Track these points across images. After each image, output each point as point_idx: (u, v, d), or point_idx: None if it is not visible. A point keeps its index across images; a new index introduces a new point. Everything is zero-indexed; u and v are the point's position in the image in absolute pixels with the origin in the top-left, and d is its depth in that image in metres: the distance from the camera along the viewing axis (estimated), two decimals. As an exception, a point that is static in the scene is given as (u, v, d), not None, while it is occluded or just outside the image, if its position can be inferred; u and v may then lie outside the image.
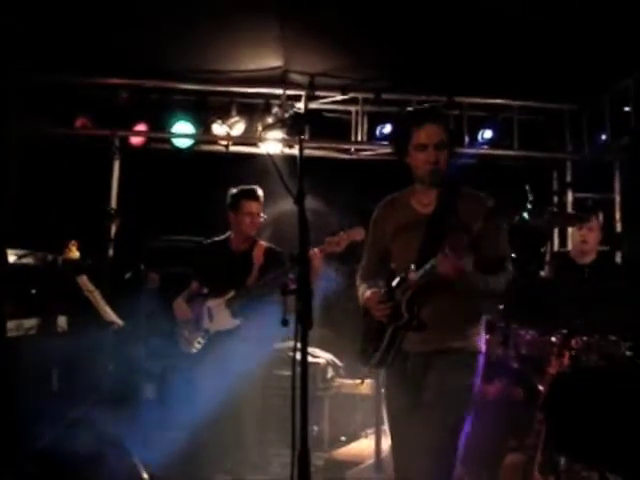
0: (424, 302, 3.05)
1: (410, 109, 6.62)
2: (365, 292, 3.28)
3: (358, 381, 5.91)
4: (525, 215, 2.66)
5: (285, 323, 2.42)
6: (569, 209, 7.03)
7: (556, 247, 6.94)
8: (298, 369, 2.40)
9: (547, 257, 5.12)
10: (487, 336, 4.90)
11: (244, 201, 4.66)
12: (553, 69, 6.02)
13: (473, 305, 3.14)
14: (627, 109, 6.30)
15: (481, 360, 3.15)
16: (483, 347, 3.19)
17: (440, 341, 3.07)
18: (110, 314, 4.98)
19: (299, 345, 2.32)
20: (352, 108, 6.94)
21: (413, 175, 3.20)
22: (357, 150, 7.11)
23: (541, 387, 4.05)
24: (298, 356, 2.40)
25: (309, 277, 2.33)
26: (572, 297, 1.88)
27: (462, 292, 2.98)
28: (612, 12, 5.06)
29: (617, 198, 7.11)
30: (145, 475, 4.43)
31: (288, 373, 2.49)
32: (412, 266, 3.03)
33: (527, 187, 2.71)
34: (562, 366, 4.04)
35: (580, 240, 4.83)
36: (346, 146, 7.08)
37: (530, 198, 2.69)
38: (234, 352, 4.45)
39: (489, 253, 3.02)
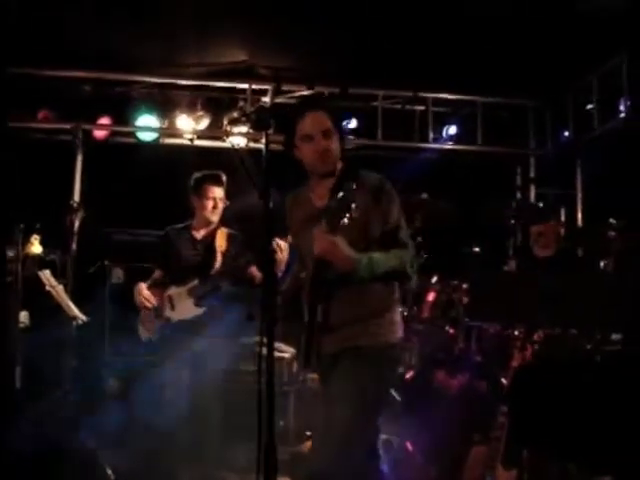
0: (324, 300, 2.88)
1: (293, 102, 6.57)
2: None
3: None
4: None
5: (250, 318, 2.41)
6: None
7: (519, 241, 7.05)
8: (264, 364, 2.37)
9: (510, 252, 5.18)
10: (451, 330, 4.99)
11: (207, 185, 4.60)
12: (517, 66, 6.07)
13: (375, 291, 2.93)
14: (590, 106, 6.40)
15: (396, 351, 3.04)
16: (398, 335, 3.01)
17: (347, 339, 2.91)
18: (73, 309, 4.92)
19: (264, 340, 2.30)
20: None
21: (306, 168, 3.09)
22: (323, 145, 7.10)
23: (504, 380, 4.10)
24: (264, 351, 2.40)
25: (275, 272, 2.33)
26: (533, 291, 1.90)
27: (355, 278, 2.80)
28: (575, 11, 5.13)
29: (579, 194, 7.23)
30: (110, 472, 4.40)
31: (254, 368, 2.48)
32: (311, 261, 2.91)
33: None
34: (525, 360, 4.10)
35: (538, 233, 4.96)
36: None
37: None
38: (199, 346, 4.42)
39: (377, 228, 2.89)
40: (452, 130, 6.81)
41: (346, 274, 2.80)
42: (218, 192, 4.62)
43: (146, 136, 6.76)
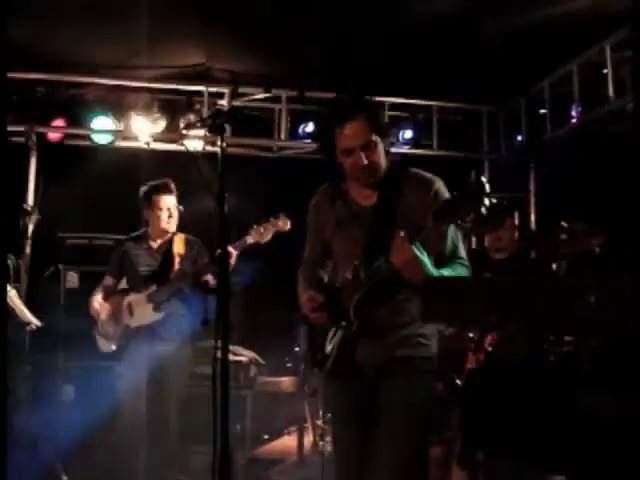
0: (376, 305, 2.80)
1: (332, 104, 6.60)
2: (302, 295, 2.99)
3: (283, 379, 5.93)
4: (483, 210, 2.34)
5: (205, 322, 2.41)
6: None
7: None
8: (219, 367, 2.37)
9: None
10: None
11: (158, 196, 4.59)
12: (472, 71, 6.16)
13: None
14: (542, 111, 6.51)
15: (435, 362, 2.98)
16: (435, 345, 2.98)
17: (395, 351, 2.84)
18: (27, 314, 4.86)
19: (219, 344, 2.30)
20: (275, 106, 6.94)
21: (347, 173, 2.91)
22: (280, 148, 7.11)
23: (459, 382, 4.16)
24: (219, 354, 2.40)
25: (228, 276, 2.33)
26: (484, 294, 1.94)
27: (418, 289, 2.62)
28: (528, 17, 5.23)
29: (532, 198, 7.36)
30: (65, 477, 4.36)
31: (210, 372, 2.48)
32: (356, 262, 2.78)
33: (483, 179, 2.40)
34: (479, 361, 4.16)
35: (494, 238, 5.07)
36: (269, 144, 7.08)
37: (486, 192, 2.37)
38: (156, 350, 4.40)
39: (436, 248, 2.74)
40: (408, 134, 6.86)
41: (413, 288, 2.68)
42: (170, 201, 4.61)
43: (101, 139, 6.69)
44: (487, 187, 2.36)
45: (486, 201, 2.36)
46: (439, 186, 2.88)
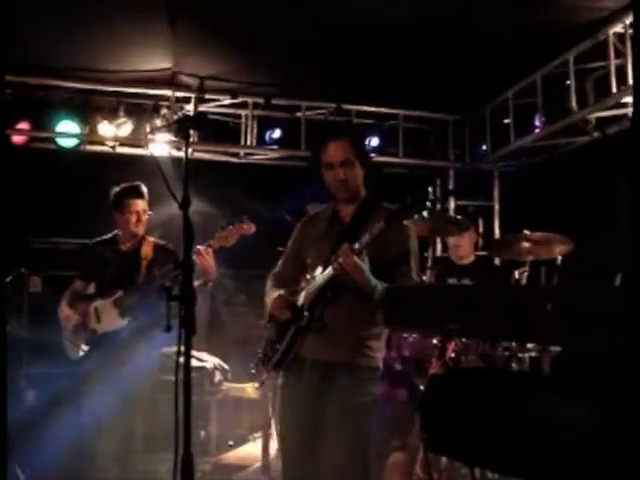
0: (328, 305, 3.02)
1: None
2: (271, 295, 3.21)
3: (249, 385, 5.91)
4: (425, 214, 2.78)
5: (168, 329, 2.41)
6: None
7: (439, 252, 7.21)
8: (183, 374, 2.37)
9: (429, 262, 5.30)
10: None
11: (128, 200, 4.56)
12: (438, 81, 6.23)
13: (373, 316, 3.03)
14: (507, 121, 6.60)
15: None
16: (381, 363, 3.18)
17: (343, 353, 3.03)
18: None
19: (183, 350, 2.30)
20: (242, 112, 6.95)
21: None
22: (246, 154, 7.12)
23: (423, 388, 4.19)
24: (182, 360, 2.40)
25: (192, 283, 2.33)
26: (445, 301, 1.97)
27: (365, 299, 2.91)
28: (494, 28, 5.31)
29: (496, 206, 7.45)
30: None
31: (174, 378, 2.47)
32: (319, 269, 3.03)
33: (429, 189, 2.83)
34: (442, 367, 4.21)
35: (454, 245, 5.21)
36: (235, 150, 7.08)
37: (431, 197, 2.79)
38: (122, 356, 4.37)
39: (389, 253, 3.01)
40: (374, 142, 6.91)
41: (357, 293, 2.92)
42: (140, 204, 4.57)
43: (66, 142, 6.63)
44: (430, 195, 2.83)
45: (428, 205, 2.75)
46: (414, 235, 3.15)
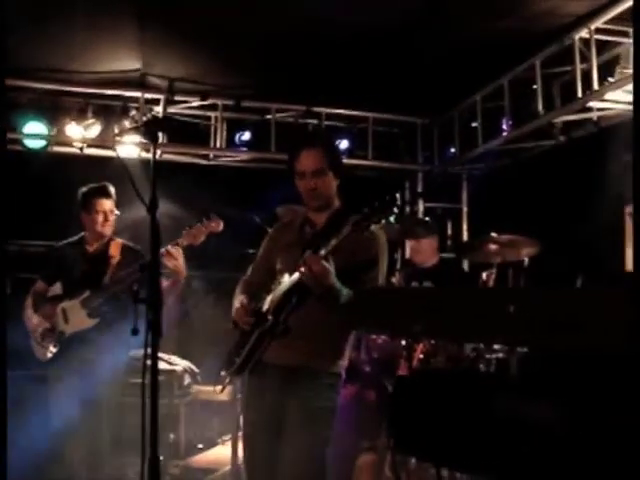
0: (293, 311, 3.01)
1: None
2: (236, 302, 3.22)
3: (216, 387, 5.89)
4: (391, 219, 2.74)
5: (135, 332, 2.40)
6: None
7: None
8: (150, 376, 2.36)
9: (398, 265, 5.34)
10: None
11: (94, 199, 4.53)
12: (407, 84, 6.27)
13: (341, 322, 3.06)
14: (474, 124, 6.66)
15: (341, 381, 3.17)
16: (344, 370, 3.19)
17: (305, 358, 3.04)
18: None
19: (150, 353, 2.29)
20: (211, 114, 6.93)
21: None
22: (216, 156, 7.10)
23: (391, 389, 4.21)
24: (149, 363, 2.39)
25: (159, 285, 2.32)
26: (409, 303, 1.99)
27: (330, 304, 2.91)
28: (462, 33, 5.36)
29: (464, 208, 7.52)
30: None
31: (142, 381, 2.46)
32: (286, 275, 3.04)
33: (396, 194, 2.80)
34: (411, 369, 4.23)
35: (413, 249, 5.30)
36: (205, 152, 7.06)
37: (398, 203, 2.77)
38: (90, 359, 4.34)
39: (357, 258, 3.02)
40: (344, 144, 6.93)
41: (322, 298, 2.90)
42: (107, 205, 4.55)
43: (34, 144, 6.56)
44: (398, 202, 2.75)
45: (395, 210, 2.75)
46: (383, 242, 3.15)
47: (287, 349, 3.01)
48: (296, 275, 2.93)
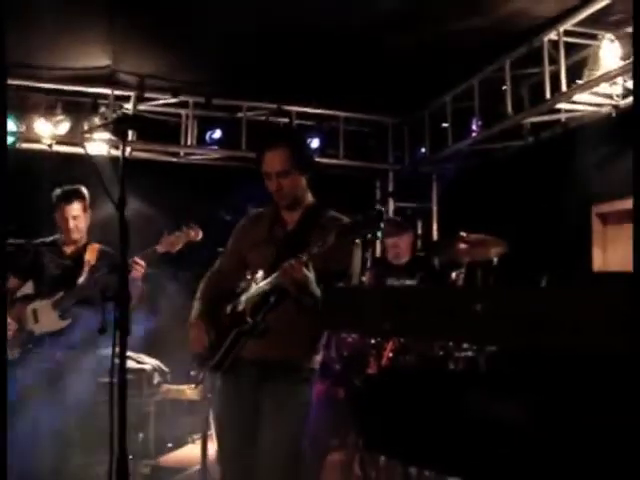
0: (269, 312, 3.02)
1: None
2: (195, 314, 3.21)
3: (187, 386, 5.88)
4: (379, 234, 2.74)
5: (102, 331, 2.39)
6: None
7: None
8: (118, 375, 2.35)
9: (369, 263, 5.36)
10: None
11: (63, 204, 4.50)
12: (378, 84, 6.30)
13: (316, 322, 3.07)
14: (445, 125, 6.71)
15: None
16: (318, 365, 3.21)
17: (281, 352, 3.04)
18: None
19: (118, 352, 2.29)
20: (182, 111, 6.90)
21: None
22: (186, 154, 7.08)
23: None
24: (117, 362, 2.38)
25: (127, 284, 2.31)
26: (381, 302, 2.00)
27: (307, 307, 2.91)
28: (433, 33, 5.39)
29: (434, 208, 7.57)
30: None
31: (113, 380, 2.44)
32: (260, 273, 3.04)
33: (382, 209, 2.83)
34: (380, 367, 4.26)
35: (393, 245, 5.29)
36: (175, 149, 7.03)
37: (384, 219, 2.76)
38: (60, 358, 4.31)
39: (331, 267, 2.98)
40: (314, 143, 6.94)
41: (299, 300, 2.91)
42: (74, 210, 4.52)
43: (1, 140, 6.48)
44: (384, 216, 2.80)
45: (382, 226, 2.71)
46: (345, 222, 3.13)
47: (264, 345, 3.01)
48: (275, 277, 2.92)
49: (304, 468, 3.09)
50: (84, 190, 4.56)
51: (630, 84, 5.06)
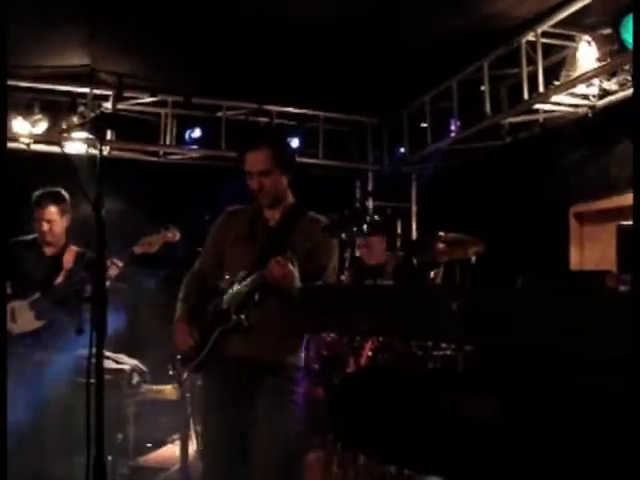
0: (253, 309, 3.03)
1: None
2: (179, 313, 3.22)
3: (168, 386, 5.86)
4: (364, 228, 2.79)
5: (79, 332, 2.38)
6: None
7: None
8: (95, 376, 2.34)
9: (347, 263, 5.37)
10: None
11: (38, 208, 4.48)
12: (358, 84, 6.31)
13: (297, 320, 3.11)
14: (424, 125, 6.74)
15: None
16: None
17: (268, 352, 3.06)
18: None
19: (95, 352, 2.28)
20: (161, 111, 6.88)
21: None
22: (166, 153, 7.05)
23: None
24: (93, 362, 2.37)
25: (104, 284, 2.31)
26: (357, 301, 2.01)
27: (290, 304, 2.94)
28: (412, 34, 5.42)
29: (413, 207, 7.59)
30: None
31: (91, 380, 2.43)
32: (242, 272, 3.05)
33: (366, 206, 2.89)
34: (359, 366, 4.26)
35: (365, 246, 5.33)
36: (154, 149, 7.00)
37: (369, 214, 2.85)
38: (37, 358, 4.29)
39: (309, 266, 3.03)
40: (294, 143, 6.94)
41: (282, 297, 2.95)
42: (49, 214, 4.49)
43: (-23, 139, 6.42)
44: (370, 211, 2.76)
45: (368, 220, 2.80)
46: (335, 249, 3.21)
47: (252, 344, 3.02)
48: (259, 273, 2.95)
49: (296, 465, 3.14)
50: (63, 193, 4.53)
51: (606, 85, 5.12)
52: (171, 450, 5.66)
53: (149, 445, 5.82)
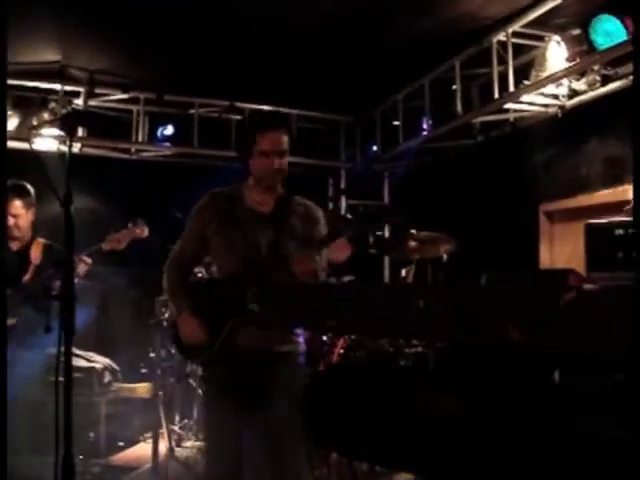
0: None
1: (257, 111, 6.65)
2: (182, 306, 3.14)
3: (138, 385, 5.84)
4: (378, 233, 2.88)
5: (48, 330, 2.36)
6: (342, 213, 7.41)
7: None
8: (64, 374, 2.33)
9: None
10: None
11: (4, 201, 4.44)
12: (331, 82, 6.32)
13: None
14: (396, 123, 6.77)
15: None
16: None
17: (283, 341, 3.08)
18: None
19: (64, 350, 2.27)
20: (133, 107, 6.83)
21: (252, 175, 3.14)
22: (138, 150, 7.01)
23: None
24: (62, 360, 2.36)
25: (72, 282, 2.30)
26: (325, 298, 2.02)
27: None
28: (385, 34, 5.44)
29: (386, 205, 7.63)
30: None
31: (61, 379, 2.42)
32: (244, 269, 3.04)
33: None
34: (332, 363, 4.28)
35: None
36: (126, 146, 6.96)
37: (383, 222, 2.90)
38: (8, 357, 4.25)
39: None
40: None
41: None
42: (15, 207, 4.44)
43: (-54, 135, 6.33)
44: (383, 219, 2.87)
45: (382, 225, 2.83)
46: (321, 214, 3.30)
47: (264, 333, 3.00)
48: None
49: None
50: (28, 187, 4.49)
51: (575, 85, 5.18)
52: (143, 449, 5.65)
53: (121, 444, 5.80)
